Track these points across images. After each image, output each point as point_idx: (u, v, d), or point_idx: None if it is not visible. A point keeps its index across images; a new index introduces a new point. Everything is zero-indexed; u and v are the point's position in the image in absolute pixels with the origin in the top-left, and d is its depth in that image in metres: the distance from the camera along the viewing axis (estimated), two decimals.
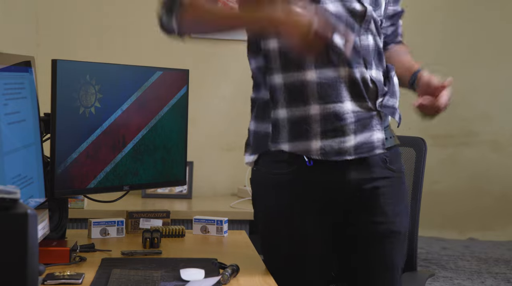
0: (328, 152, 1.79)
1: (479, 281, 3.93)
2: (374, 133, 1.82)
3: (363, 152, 1.81)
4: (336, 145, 1.79)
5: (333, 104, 1.78)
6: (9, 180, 1.55)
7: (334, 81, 1.77)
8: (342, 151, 1.79)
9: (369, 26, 1.82)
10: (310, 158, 1.79)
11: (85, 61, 2.05)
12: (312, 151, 1.79)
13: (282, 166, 1.84)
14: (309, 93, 1.77)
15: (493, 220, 4.73)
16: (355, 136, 1.80)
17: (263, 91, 1.85)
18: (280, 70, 1.80)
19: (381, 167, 1.85)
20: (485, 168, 4.67)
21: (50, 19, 3.77)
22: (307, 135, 1.79)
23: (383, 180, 1.85)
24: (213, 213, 2.93)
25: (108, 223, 2.22)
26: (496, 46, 4.63)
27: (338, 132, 1.79)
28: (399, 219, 1.88)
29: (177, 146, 2.29)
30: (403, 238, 1.92)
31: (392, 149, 1.88)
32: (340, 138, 1.79)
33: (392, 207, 1.87)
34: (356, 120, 1.80)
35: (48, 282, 1.65)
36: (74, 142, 2.00)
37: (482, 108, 4.65)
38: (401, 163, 1.93)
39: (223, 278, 1.71)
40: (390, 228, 1.87)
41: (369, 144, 1.81)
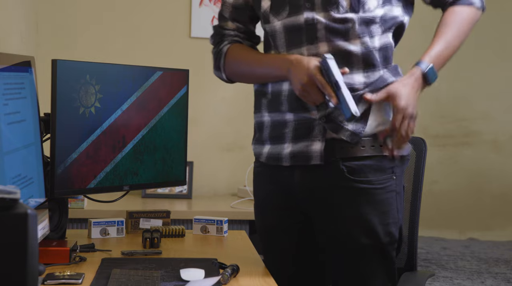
0: (271, 157, 1.89)
1: (479, 281, 3.93)
2: (312, 144, 1.81)
3: (298, 160, 1.82)
4: (276, 151, 1.87)
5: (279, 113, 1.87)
6: (9, 180, 1.55)
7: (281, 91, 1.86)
8: (279, 157, 1.86)
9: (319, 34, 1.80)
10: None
11: (85, 61, 2.05)
12: (262, 154, 1.92)
13: (256, 159, 2.00)
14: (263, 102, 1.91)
15: (493, 220, 4.73)
16: (292, 144, 1.83)
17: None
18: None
19: (336, 176, 1.79)
20: (485, 168, 4.67)
21: (50, 19, 3.77)
22: (262, 140, 1.92)
23: (339, 189, 1.80)
24: (213, 213, 2.93)
25: (108, 223, 2.22)
26: (496, 46, 4.63)
27: (280, 139, 1.86)
28: (358, 232, 1.80)
29: (177, 146, 2.29)
30: (373, 252, 1.82)
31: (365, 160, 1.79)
32: (281, 144, 1.86)
33: (350, 220, 1.81)
34: (295, 129, 1.83)
35: (48, 282, 1.65)
36: (74, 142, 2.00)
37: (482, 108, 4.65)
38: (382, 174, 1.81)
39: (223, 278, 1.71)
40: (347, 241, 1.82)
41: (305, 154, 1.82)
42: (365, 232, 1.81)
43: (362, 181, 1.79)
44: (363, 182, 1.80)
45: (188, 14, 3.89)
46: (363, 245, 1.81)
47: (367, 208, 1.80)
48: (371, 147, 1.80)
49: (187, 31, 3.90)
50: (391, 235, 1.83)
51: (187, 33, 3.90)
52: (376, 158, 1.80)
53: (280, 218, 1.93)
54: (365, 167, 1.79)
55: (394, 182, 1.83)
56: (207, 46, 3.89)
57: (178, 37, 3.90)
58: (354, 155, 1.79)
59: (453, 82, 4.52)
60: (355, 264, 1.84)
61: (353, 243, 1.82)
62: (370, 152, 1.80)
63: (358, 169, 1.79)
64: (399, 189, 1.86)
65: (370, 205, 1.81)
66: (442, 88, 4.50)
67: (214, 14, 3.84)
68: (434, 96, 4.44)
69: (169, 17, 3.90)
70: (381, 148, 1.80)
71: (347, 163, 1.79)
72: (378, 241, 1.81)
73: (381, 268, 1.85)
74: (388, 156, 1.80)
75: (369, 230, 1.81)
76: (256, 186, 2.01)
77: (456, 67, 4.58)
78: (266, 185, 1.94)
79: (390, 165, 1.82)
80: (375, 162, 1.80)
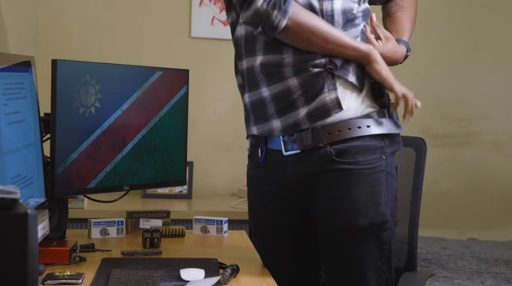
0: (287, 127, 1.83)
1: (479, 281, 3.93)
2: (326, 96, 1.80)
3: (318, 117, 1.80)
4: (292, 119, 1.82)
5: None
6: (9, 180, 1.55)
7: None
8: (298, 122, 1.81)
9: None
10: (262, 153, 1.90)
11: (85, 61, 2.06)
12: (274, 130, 1.85)
13: (249, 161, 2.00)
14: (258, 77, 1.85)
15: (493, 220, 4.73)
16: (306, 106, 1.80)
17: (238, 77, 1.98)
18: (245, 57, 1.90)
19: (325, 160, 1.80)
20: (485, 167, 4.67)
21: (50, 19, 3.77)
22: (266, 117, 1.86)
23: (329, 173, 1.80)
24: (213, 213, 2.93)
25: (108, 223, 2.22)
26: (496, 46, 4.63)
27: (290, 107, 1.82)
28: (349, 213, 1.80)
29: (177, 146, 2.29)
30: (366, 232, 1.81)
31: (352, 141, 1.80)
32: (294, 111, 1.82)
33: (341, 201, 1.81)
34: (304, 91, 1.80)
35: (48, 282, 1.65)
36: (74, 142, 2.00)
37: (482, 108, 4.65)
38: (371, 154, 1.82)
39: (223, 278, 1.71)
40: (338, 223, 1.81)
41: (322, 108, 1.80)
42: (356, 212, 1.81)
43: (350, 162, 1.80)
44: (351, 163, 1.80)
45: (188, 14, 3.89)
46: (355, 225, 1.81)
47: (356, 188, 1.81)
48: (358, 127, 1.81)
49: (187, 31, 3.90)
50: (383, 214, 1.83)
51: (187, 33, 3.90)
52: (364, 138, 1.81)
53: (275, 219, 1.93)
54: (352, 148, 1.80)
55: (384, 162, 1.84)
56: (207, 46, 3.92)
57: (178, 37, 3.90)
58: (342, 138, 1.80)
59: (453, 82, 4.52)
60: (347, 245, 1.84)
61: (345, 224, 1.81)
62: (357, 133, 1.80)
63: (345, 150, 1.80)
64: (390, 169, 1.85)
65: (359, 185, 1.81)
66: (442, 88, 4.50)
67: (214, 14, 3.84)
68: (434, 96, 4.44)
69: (169, 17, 3.90)
70: (368, 128, 1.81)
71: (334, 146, 1.80)
72: (369, 221, 1.81)
73: (374, 248, 1.84)
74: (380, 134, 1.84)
75: (359, 211, 1.81)
76: (250, 188, 2.01)
77: (456, 67, 4.58)
78: (260, 186, 1.94)
79: (379, 145, 1.83)
80: (362, 142, 1.81)
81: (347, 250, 1.84)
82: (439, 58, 4.48)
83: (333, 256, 1.87)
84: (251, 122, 1.91)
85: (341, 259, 1.86)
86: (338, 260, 1.86)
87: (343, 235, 1.83)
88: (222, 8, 3.84)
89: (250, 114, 1.91)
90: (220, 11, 3.84)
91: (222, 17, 3.84)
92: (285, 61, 1.80)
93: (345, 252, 1.84)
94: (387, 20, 2.02)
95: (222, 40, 3.87)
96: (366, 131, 1.81)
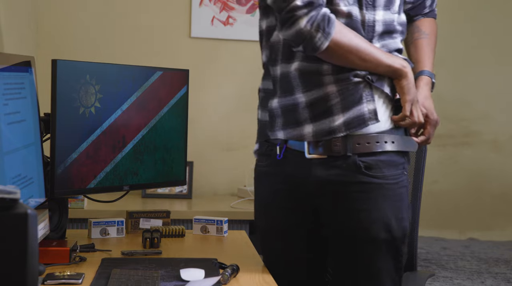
0: (319, 133, 1.82)
1: (479, 281, 3.93)
2: (364, 106, 1.81)
3: (355, 126, 1.81)
4: (326, 126, 1.81)
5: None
6: (9, 180, 1.55)
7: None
8: (333, 129, 1.81)
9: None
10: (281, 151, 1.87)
11: (85, 61, 2.05)
12: (305, 135, 1.83)
13: (263, 158, 1.95)
14: (294, 83, 1.83)
15: (493, 220, 4.73)
16: (343, 115, 1.80)
17: (267, 81, 1.92)
18: (280, 62, 1.85)
19: (353, 171, 1.81)
20: (485, 167, 4.67)
21: (50, 19, 3.77)
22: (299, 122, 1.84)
23: (356, 184, 1.82)
24: (213, 213, 2.93)
25: (108, 223, 2.22)
26: (496, 47, 4.63)
27: (325, 113, 1.81)
28: (375, 226, 1.83)
29: (177, 146, 2.29)
30: (383, 246, 1.85)
31: (380, 156, 1.83)
32: (329, 118, 1.82)
33: (365, 214, 1.82)
34: (342, 99, 1.80)
35: (48, 282, 1.65)
36: (74, 142, 2.00)
37: (482, 108, 4.65)
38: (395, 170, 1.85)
39: (223, 278, 1.71)
40: (363, 234, 1.83)
41: (360, 118, 1.81)
42: (381, 226, 1.83)
43: (379, 176, 1.83)
44: (379, 177, 1.83)
45: (188, 14, 3.89)
46: (379, 239, 1.84)
47: (383, 202, 1.84)
48: (385, 142, 1.83)
49: (187, 31, 3.90)
50: (404, 229, 1.87)
51: (187, 33, 3.90)
52: (389, 154, 1.84)
53: (288, 218, 1.91)
54: (380, 162, 1.83)
55: (405, 178, 1.88)
56: (207, 46, 3.92)
57: (178, 37, 3.90)
58: (370, 150, 1.82)
59: (453, 82, 4.52)
60: (366, 257, 1.86)
61: (368, 237, 1.83)
62: (384, 147, 1.83)
63: (374, 164, 1.82)
64: (408, 185, 1.91)
65: (386, 200, 1.84)
66: (442, 88, 4.49)
67: (214, 14, 3.84)
68: (434, 97, 4.40)
69: (169, 17, 3.90)
70: (393, 144, 1.84)
71: (363, 158, 1.82)
72: (393, 235, 1.85)
73: (392, 262, 1.88)
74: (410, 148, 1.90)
75: (385, 225, 1.84)
76: (261, 186, 1.98)
77: (457, 68, 4.58)
78: (275, 184, 1.91)
79: (401, 161, 1.87)
80: (388, 158, 1.84)
81: (365, 261, 1.86)
82: (441, 59, 4.48)
83: (350, 266, 1.88)
84: (277, 126, 1.87)
85: (358, 270, 1.87)
86: (354, 270, 1.87)
87: (364, 247, 1.84)
88: (222, 8, 3.84)
89: (277, 119, 1.87)
90: (220, 11, 3.84)
91: (222, 17, 3.84)
92: (324, 69, 1.80)
93: (363, 264, 1.86)
94: (410, 47, 2.02)
95: (222, 40, 3.88)
96: (392, 147, 1.84)
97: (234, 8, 3.86)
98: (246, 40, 3.85)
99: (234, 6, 3.86)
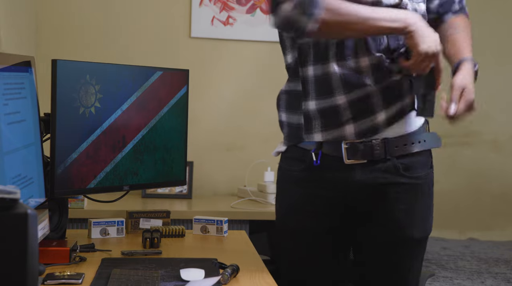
0: (361, 132, 1.82)
1: (479, 281, 3.93)
2: (404, 100, 1.84)
3: (396, 120, 1.83)
4: (368, 123, 1.82)
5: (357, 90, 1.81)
6: (9, 180, 1.55)
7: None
8: (375, 126, 1.82)
9: None
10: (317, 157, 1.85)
11: (85, 61, 2.05)
12: (347, 135, 1.82)
13: (295, 163, 1.91)
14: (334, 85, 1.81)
15: (493, 220, 4.72)
16: (385, 111, 1.82)
17: (294, 83, 1.87)
18: (312, 63, 1.82)
19: (393, 173, 1.84)
20: (485, 167, 4.67)
21: (50, 19, 3.77)
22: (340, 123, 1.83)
23: (395, 186, 1.85)
24: (213, 213, 2.93)
25: (108, 223, 2.22)
26: (496, 47, 4.63)
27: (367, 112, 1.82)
28: (411, 226, 1.88)
29: (177, 146, 2.29)
30: (417, 245, 1.92)
31: (414, 156, 1.87)
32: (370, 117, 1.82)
33: (404, 214, 1.86)
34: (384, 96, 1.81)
35: (48, 282, 1.65)
36: (74, 142, 2.00)
37: (482, 108, 4.65)
38: (426, 169, 1.90)
39: (223, 278, 1.71)
40: (400, 234, 1.87)
41: (401, 111, 1.84)
42: (415, 225, 1.88)
43: (415, 176, 1.87)
44: (415, 178, 1.87)
45: (188, 14, 3.88)
46: (412, 238, 1.89)
47: (419, 202, 1.89)
48: (418, 142, 1.87)
49: (187, 31, 3.90)
50: (430, 227, 1.94)
51: (187, 33, 3.90)
52: (421, 153, 1.89)
53: (320, 223, 1.90)
54: (416, 163, 1.87)
55: (432, 176, 1.93)
56: (207, 46, 3.92)
57: (178, 37, 3.90)
58: (408, 151, 1.85)
59: None
60: (400, 256, 1.89)
61: (404, 236, 1.88)
62: (419, 147, 1.87)
63: (411, 165, 1.86)
64: (433, 182, 1.96)
65: (421, 199, 1.89)
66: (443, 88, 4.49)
67: (214, 14, 3.84)
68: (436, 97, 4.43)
69: (169, 17, 3.90)
70: (424, 143, 1.88)
71: (401, 160, 1.85)
72: (422, 234, 1.91)
73: (419, 259, 1.95)
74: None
75: (417, 224, 1.89)
76: (294, 190, 1.92)
77: None
78: (312, 189, 1.88)
79: (430, 159, 1.92)
80: (422, 157, 1.89)
81: (398, 260, 1.90)
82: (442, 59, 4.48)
83: (382, 266, 1.91)
84: (316, 128, 1.84)
85: (390, 269, 1.91)
86: (387, 269, 1.91)
87: (404, 247, 1.88)
88: (222, 8, 3.84)
89: (314, 121, 1.84)
90: (220, 11, 3.84)
91: (222, 17, 3.84)
92: (362, 65, 1.79)
93: (395, 263, 1.90)
94: (446, 45, 1.96)
95: (222, 40, 3.87)
96: (424, 145, 1.88)
97: (234, 8, 3.86)
98: (246, 40, 3.84)
99: (234, 6, 3.86)
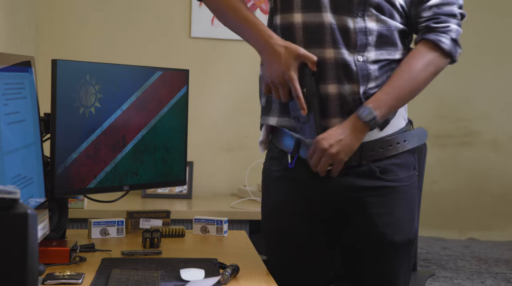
0: None
1: (479, 281, 3.93)
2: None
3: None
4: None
5: None
6: (9, 180, 1.55)
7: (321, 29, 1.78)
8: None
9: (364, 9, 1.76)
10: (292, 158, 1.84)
11: (85, 61, 2.05)
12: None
13: (274, 163, 1.92)
14: None
15: (493, 220, 4.73)
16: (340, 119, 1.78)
17: None
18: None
19: (370, 177, 1.81)
20: (485, 167, 4.67)
21: (50, 19, 3.77)
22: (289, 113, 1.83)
23: (374, 189, 1.82)
24: (213, 213, 2.93)
25: (108, 223, 2.22)
26: (496, 47, 4.63)
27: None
28: (392, 230, 1.83)
29: (177, 146, 2.29)
30: (400, 249, 1.86)
31: (391, 159, 1.82)
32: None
33: (384, 218, 1.83)
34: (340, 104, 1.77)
35: (48, 282, 1.65)
36: (74, 142, 2.00)
37: (482, 108, 4.65)
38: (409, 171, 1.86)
39: (223, 278, 1.71)
40: (381, 238, 1.83)
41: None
42: (397, 229, 1.85)
43: (394, 179, 1.83)
44: (395, 180, 1.83)
45: (188, 14, 3.89)
46: (394, 241, 1.84)
47: (400, 205, 1.85)
48: (397, 143, 1.82)
49: (187, 31, 3.90)
50: (416, 230, 1.90)
51: (187, 33, 3.90)
52: (402, 154, 1.84)
53: (301, 223, 1.88)
54: (394, 165, 1.83)
55: (416, 178, 1.89)
56: (207, 46, 3.92)
57: (178, 37, 3.90)
58: (384, 156, 1.81)
59: (454, 82, 4.52)
60: (385, 261, 1.87)
61: (385, 240, 1.84)
62: (396, 150, 1.83)
63: (388, 168, 1.83)
64: (418, 185, 1.92)
65: (402, 202, 1.85)
66: (443, 88, 4.50)
67: None
68: (435, 97, 4.44)
69: (169, 17, 3.90)
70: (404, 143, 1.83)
71: (377, 163, 1.81)
72: (406, 237, 1.86)
73: (406, 263, 1.90)
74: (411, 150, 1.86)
75: (400, 227, 1.85)
76: (274, 190, 1.92)
77: (457, 68, 4.57)
78: (290, 189, 1.87)
79: (413, 161, 1.88)
80: (401, 160, 1.84)
81: (383, 265, 1.87)
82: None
83: (368, 270, 1.89)
84: (273, 112, 1.87)
85: (376, 274, 1.88)
86: (372, 274, 1.89)
87: (382, 251, 1.85)
88: None
89: (274, 105, 1.87)
90: None
91: None
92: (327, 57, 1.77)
93: (380, 267, 1.88)
94: None
95: (222, 40, 3.87)
96: (404, 146, 1.84)
97: None
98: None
99: None
